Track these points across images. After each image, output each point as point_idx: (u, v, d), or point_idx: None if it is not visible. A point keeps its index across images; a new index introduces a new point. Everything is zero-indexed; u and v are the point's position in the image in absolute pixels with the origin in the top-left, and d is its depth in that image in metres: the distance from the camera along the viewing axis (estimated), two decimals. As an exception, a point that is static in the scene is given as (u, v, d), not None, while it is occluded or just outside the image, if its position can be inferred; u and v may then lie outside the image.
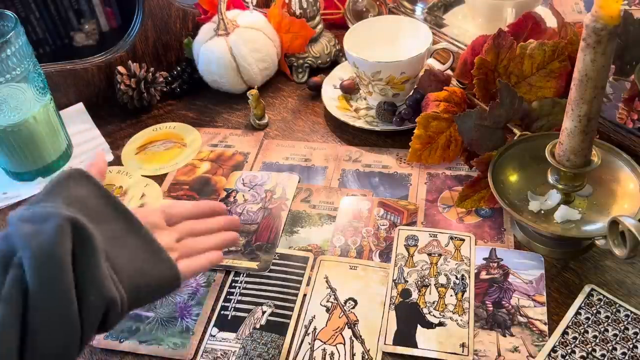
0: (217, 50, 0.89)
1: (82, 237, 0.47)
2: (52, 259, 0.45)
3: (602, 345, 0.56)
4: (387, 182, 0.76)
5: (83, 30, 2.08)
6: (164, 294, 0.54)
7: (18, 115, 0.75)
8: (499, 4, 0.86)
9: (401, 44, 0.86)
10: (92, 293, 0.47)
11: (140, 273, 0.50)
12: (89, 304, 0.46)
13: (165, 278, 0.52)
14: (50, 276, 0.45)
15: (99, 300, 0.47)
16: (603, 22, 0.49)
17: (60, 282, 0.45)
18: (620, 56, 0.70)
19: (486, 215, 0.70)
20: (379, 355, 0.58)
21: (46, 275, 0.45)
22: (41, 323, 0.45)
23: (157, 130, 0.89)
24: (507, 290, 0.62)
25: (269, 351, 0.59)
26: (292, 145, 0.84)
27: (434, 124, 0.73)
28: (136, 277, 0.50)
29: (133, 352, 0.61)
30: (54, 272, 0.45)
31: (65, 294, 0.45)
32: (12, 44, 0.70)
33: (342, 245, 0.69)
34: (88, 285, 0.46)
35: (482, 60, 0.71)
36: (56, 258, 0.45)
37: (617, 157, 0.65)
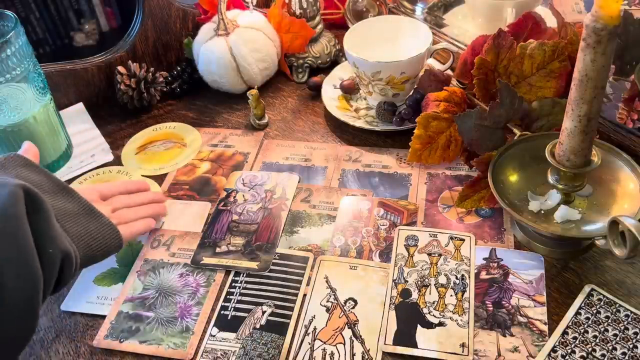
0: (217, 50, 0.89)
1: (33, 200, 0.53)
2: (9, 218, 0.50)
3: (602, 345, 0.56)
4: (387, 182, 0.76)
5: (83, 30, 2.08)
6: (110, 252, 0.62)
7: (18, 115, 0.75)
8: (499, 4, 0.86)
9: (401, 44, 0.86)
10: (50, 247, 0.52)
11: (86, 233, 0.59)
12: (47, 256, 0.52)
13: (109, 238, 0.61)
14: (10, 233, 0.50)
15: (56, 253, 0.53)
16: (603, 22, 0.49)
17: (20, 237, 0.50)
18: (620, 56, 0.70)
19: (486, 215, 0.70)
20: (379, 355, 0.58)
21: (5, 232, 0.49)
22: (5, 276, 0.48)
23: (157, 130, 0.89)
24: (507, 290, 0.62)
25: (269, 351, 0.59)
26: (292, 145, 0.84)
27: (434, 124, 0.73)
28: (84, 236, 0.58)
29: (133, 352, 0.61)
30: (12, 229, 0.50)
31: (25, 247, 0.50)
32: (12, 44, 0.70)
33: (342, 245, 0.69)
34: (45, 240, 0.52)
35: (482, 60, 0.71)
36: (13, 217, 0.50)
37: (617, 157, 0.65)
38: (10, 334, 0.49)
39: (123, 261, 0.70)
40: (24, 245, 0.50)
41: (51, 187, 0.60)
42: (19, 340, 0.51)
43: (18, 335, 0.50)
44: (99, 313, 0.64)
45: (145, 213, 0.70)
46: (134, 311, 0.64)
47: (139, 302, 0.65)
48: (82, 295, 0.66)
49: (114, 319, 0.63)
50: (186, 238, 0.72)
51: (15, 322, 0.49)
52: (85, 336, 0.63)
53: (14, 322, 0.49)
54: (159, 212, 0.73)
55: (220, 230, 0.72)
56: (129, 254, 0.71)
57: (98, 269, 0.69)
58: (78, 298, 0.66)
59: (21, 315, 0.50)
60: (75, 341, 0.62)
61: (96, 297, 0.66)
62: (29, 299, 0.50)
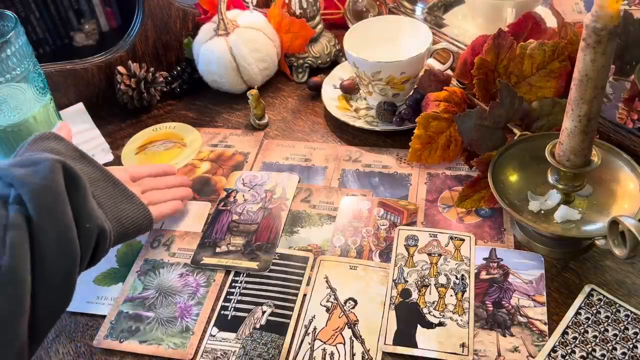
0: (217, 50, 0.89)
1: (71, 175, 0.54)
2: (50, 192, 0.51)
3: (602, 345, 0.56)
4: (387, 182, 0.76)
5: (83, 30, 2.08)
6: (141, 231, 0.64)
7: (18, 115, 0.75)
8: (499, 4, 0.86)
9: (401, 44, 0.86)
10: (87, 222, 0.54)
11: (120, 210, 0.60)
12: (84, 231, 0.53)
13: (140, 217, 0.63)
14: (50, 207, 0.51)
15: (92, 228, 0.54)
16: (603, 22, 0.49)
17: (60, 211, 0.51)
18: (620, 56, 0.70)
19: (486, 215, 0.70)
20: (379, 355, 0.58)
21: (46, 206, 0.50)
22: (47, 248, 0.50)
23: (157, 130, 0.89)
24: (507, 290, 0.62)
25: (269, 351, 0.59)
26: (292, 145, 0.84)
27: (434, 124, 0.73)
28: (117, 213, 0.60)
29: (133, 352, 0.61)
30: (53, 203, 0.51)
31: (65, 221, 0.51)
32: (12, 44, 0.70)
33: (342, 245, 0.69)
34: (83, 215, 0.53)
35: (482, 60, 0.71)
36: (53, 191, 0.51)
37: (617, 157, 0.64)
38: (49, 304, 0.51)
39: (123, 261, 0.70)
40: (64, 220, 0.51)
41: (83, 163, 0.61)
42: (57, 309, 0.53)
43: (56, 305, 0.52)
44: (99, 313, 0.64)
45: (173, 195, 0.72)
46: (134, 311, 0.64)
47: (139, 302, 0.65)
48: (82, 295, 0.66)
49: (114, 319, 0.63)
50: (186, 238, 0.72)
51: (54, 294, 0.51)
52: (85, 336, 0.63)
53: (52, 293, 0.51)
54: (186, 195, 0.74)
55: (220, 230, 0.72)
56: (129, 254, 0.71)
57: (98, 269, 0.69)
58: (78, 298, 0.66)
59: (59, 287, 0.52)
60: (75, 341, 0.62)
61: (96, 297, 0.66)
62: (67, 272, 0.52)
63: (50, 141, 0.61)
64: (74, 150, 0.62)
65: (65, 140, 0.62)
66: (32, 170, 0.52)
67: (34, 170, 0.52)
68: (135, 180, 0.70)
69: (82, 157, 0.62)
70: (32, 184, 0.51)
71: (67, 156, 0.59)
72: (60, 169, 0.53)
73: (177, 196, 0.72)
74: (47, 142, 0.60)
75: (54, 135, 0.62)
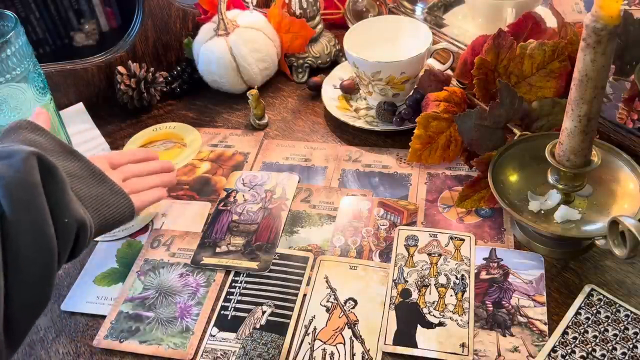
0: (217, 50, 0.89)
1: (47, 168, 0.51)
2: (25, 186, 0.49)
3: (602, 345, 0.56)
4: (387, 182, 0.76)
5: (83, 30, 2.08)
6: (123, 221, 0.62)
7: (18, 115, 0.75)
8: (499, 4, 0.86)
9: (401, 44, 0.86)
10: (65, 215, 0.51)
11: (100, 201, 0.58)
12: (63, 225, 0.51)
13: (121, 206, 0.60)
14: (25, 201, 0.48)
15: (71, 222, 0.52)
16: (603, 22, 0.49)
17: (35, 206, 0.49)
18: (620, 56, 0.70)
19: (486, 215, 0.70)
20: (379, 355, 0.58)
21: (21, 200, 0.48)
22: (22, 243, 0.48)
23: (157, 130, 0.89)
24: (507, 290, 0.62)
25: (269, 351, 0.59)
26: (292, 145, 0.84)
27: (434, 124, 0.73)
28: (97, 204, 0.57)
29: (133, 352, 0.61)
30: (28, 197, 0.49)
31: (41, 215, 0.49)
32: (12, 44, 0.70)
33: (342, 245, 0.69)
34: (60, 208, 0.51)
35: (482, 60, 0.71)
36: (28, 185, 0.49)
37: (617, 157, 0.64)
38: (26, 301, 0.49)
39: (123, 261, 0.70)
40: (40, 214, 0.49)
41: (61, 151, 0.58)
42: (35, 307, 0.51)
43: (34, 303, 0.50)
44: (99, 313, 0.64)
45: (155, 182, 0.69)
46: (134, 311, 0.64)
47: (139, 302, 0.65)
48: (82, 295, 0.66)
49: (114, 319, 0.63)
50: (186, 238, 0.72)
51: (30, 291, 0.49)
52: (85, 336, 0.63)
53: (29, 290, 0.49)
54: (169, 182, 0.72)
55: (220, 230, 0.72)
56: (129, 254, 0.71)
57: (98, 269, 0.69)
58: (78, 298, 0.66)
59: (36, 283, 0.50)
60: (75, 341, 0.62)
61: (96, 297, 0.66)
62: (44, 267, 0.50)
63: (28, 131, 0.58)
64: (53, 140, 0.59)
65: (42, 130, 0.59)
66: (5, 163, 0.50)
67: (8, 164, 0.49)
68: (116, 167, 0.67)
69: (61, 147, 0.59)
70: (5, 177, 0.48)
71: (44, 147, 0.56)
72: (35, 161, 0.50)
73: (159, 183, 0.70)
74: (24, 133, 0.57)
75: (32, 125, 0.58)
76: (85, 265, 0.70)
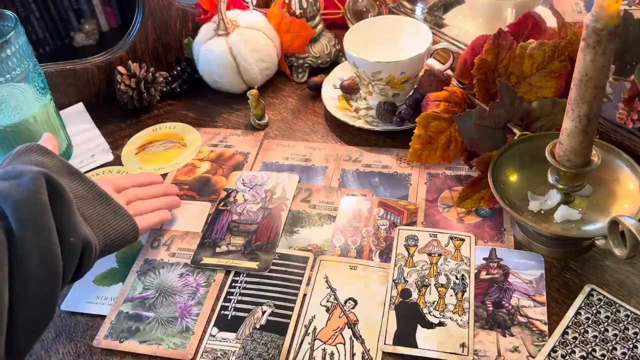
0: (217, 50, 0.89)
1: (55, 187, 0.52)
2: (33, 206, 0.50)
3: (602, 345, 0.56)
4: (387, 182, 0.76)
5: (83, 30, 2.08)
6: (127, 243, 0.63)
7: (18, 115, 0.75)
8: (499, 4, 0.86)
9: (401, 44, 0.86)
10: (71, 235, 0.52)
11: (105, 222, 0.59)
12: (69, 245, 0.52)
13: (125, 228, 0.61)
14: (33, 220, 0.50)
15: (77, 242, 0.53)
16: (603, 22, 0.49)
17: (43, 225, 0.50)
18: (620, 56, 0.70)
19: (486, 215, 0.70)
20: (379, 355, 0.58)
21: (29, 220, 0.49)
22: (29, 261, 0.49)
23: (157, 130, 0.89)
24: (507, 290, 0.62)
25: (269, 351, 0.59)
26: (292, 145, 0.84)
27: (434, 124, 0.73)
28: (102, 225, 0.58)
29: (133, 352, 0.61)
30: (36, 216, 0.50)
31: (48, 234, 0.50)
32: (12, 44, 0.70)
33: (342, 245, 0.69)
34: (67, 228, 0.52)
35: (482, 60, 0.71)
36: (37, 204, 0.50)
37: (617, 157, 0.64)
38: (31, 317, 0.50)
39: (123, 261, 0.70)
40: (47, 233, 0.50)
41: (68, 174, 0.60)
42: (39, 324, 0.52)
43: (38, 320, 0.51)
44: (99, 313, 0.64)
45: (159, 205, 0.70)
46: (134, 311, 0.64)
47: (139, 302, 0.65)
48: (82, 295, 0.66)
49: (114, 319, 0.63)
50: (186, 238, 0.72)
51: (36, 307, 0.50)
52: (85, 336, 0.63)
53: (34, 307, 0.50)
54: (173, 204, 0.73)
55: (220, 230, 0.72)
56: (129, 254, 0.71)
57: (98, 269, 0.69)
58: (78, 298, 0.66)
59: (41, 300, 0.50)
60: (75, 341, 0.62)
61: (96, 297, 0.66)
62: (49, 286, 0.51)
63: (36, 154, 0.59)
64: (60, 162, 0.60)
65: (50, 153, 0.61)
66: (15, 182, 0.51)
67: (17, 183, 0.51)
68: (120, 190, 0.68)
69: (68, 170, 0.60)
70: (14, 197, 0.49)
71: (52, 169, 0.58)
72: (44, 182, 0.52)
73: (163, 205, 0.71)
74: (32, 155, 0.59)
75: (40, 148, 0.60)
76: (85, 265, 0.70)
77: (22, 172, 0.52)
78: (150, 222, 0.67)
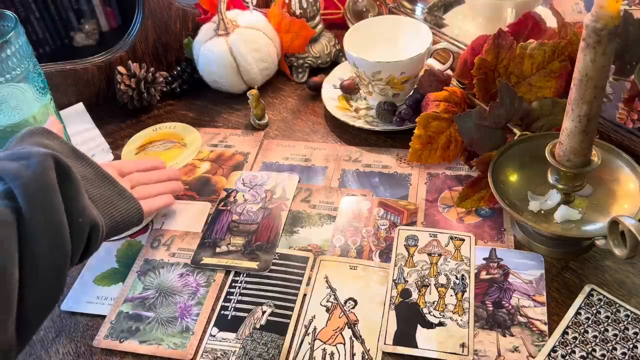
0: (217, 50, 0.89)
1: (63, 169, 0.53)
2: (42, 186, 0.50)
3: (602, 345, 0.56)
4: (387, 182, 0.76)
5: (83, 30, 2.08)
6: (132, 225, 0.64)
7: (18, 115, 0.75)
8: (499, 4, 0.86)
9: (401, 44, 0.86)
10: (80, 216, 0.53)
11: (110, 204, 0.60)
12: (77, 225, 0.53)
13: (131, 209, 0.62)
14: (42, 201, 0.50)
15: (85, 222, 0.53)
16: (603, 22, 0.49)
17: (52, 205, 0.50)
18: (620, 56, 0.70)
19: (486, 215, 0.70)
20: (379, 355, 0.58)
21: (38, 200, 0.50)
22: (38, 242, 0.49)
23: (157, 130, 0.89)
24: (507, 290, 0.62)
25: (269, 351, 0.59)
26: (292, 145, 0.84)
27: (434, 124, 0.73)
28: (108, 206, 0.59)
29: (133, 352, 0.61)
30: (45, 197, 0.50)
31: (57, 215, 0.51)
32: (12, 44, 0.70)
33: (342, 245, 0.69)
34: (75, 209, 0.53)
35: (482, 60, 0.71)
36: (46, 185, 0.50)
37: (617, 157, 0.64)
38: (40, 298, 0.51)
39: (123, 261, 0.70)
40: (56, 214, 0.51)
41: (73, 157, 0.60)
42: (45, 306, 0.52)
43: (46, 300, 0.52)
44: (99, 313, 0.64)
45: (163, 189, 0.71)
46: (134, 311, 0.64)
47: (139, 302, 0.65)
48: (82, 295, 0.66)
49: (114, 319, 0.63)
50: (186, 238, 0.72)
51: (43, 289, 0.51)
52: (85, 336, 0.63)
53: (43, 288, 0.50)
54: (176, 189, 0.74)
55: (220, 230, 0.72)
56: (129, 254, 0.71)
57: (98, 269, 0.69)
58: (78, 298, 0.66)
59: (50, 282, 0.51)
60: (75, 341, 0.62)
61: (96, 297, 0.66)
62: (58, 266, 0.51)
63: (41, 136, 0.60)
64: (65, 145, 0.61)
65: (55, 135, 0.61)
66: (23, 164, 0.51)
67: (26, 164, 0.51)
68: (124, 175, 0.69)
69: (73, 152, 0.61)
70: (23, 178, 0.50)
71: (58, 151, 0.58)
72: (52, 163, 0.52)
73: (166, 190, 0.72)
74: (38, 137, 0.59)
75: (45, 131, 0.61)
76: (85, 265, 0.70)
77: (30, 153, 0.52)
78: (154, 206, 0.68)
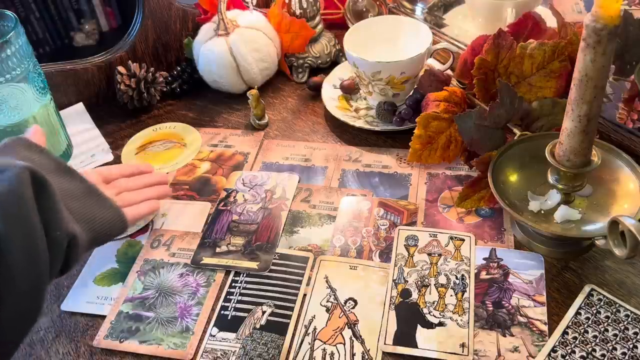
0: (217, 50, 0.89)
1: (40, 182, 0.52)
2: (17, 201, 0.49)
3: (602, 345, 0.56)
4: (387, 182, 0.76)
5: (83, 30, 2.08)
6: (115, 234, 0.63)
7: (18, 115, 0.75)
8: (499, 4, 0.86)
9: (401, 44, 0.86)
10: (57, 229, 0.52)
11: (91, 215, 0.59)
12: (55, 239, 0.52)
13: (113, 220, 0.61)
14: (18, 216, 0.49)
15: (62, 235, 0.52)
16: (603, 22, 0.49)
17: (28, 220, 0.50)
18: (620, 56, 0.70)
19: (486, 215, 0.70)
20: (379, 355, 0.58)
21: (14, 215, 0.49)
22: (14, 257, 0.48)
23: (157, 130, 0.89)
24: (507, 290, 0.62)
25: (269, 351, 0.59)
26: (292, 145, 0.84)
27: (434, 124, 0.73)
28: (89, 218, 0.58)
29: (133, 352, 0.61)
30: (21, 212, 0.49)
31: (33, 230, 0.50)
32: (12, 44, 0.70)
33: (342, 245, 0.69)
34: (52, 222, 0.52)
35: (482, 60, 0.71)
36: (21, 200, 0.49)
37: (617, 157, 0.64)
38: (18, 313, 0.49)
39: (123, 261, 0.70)
40: (32, 228, 0.50)
41: (54, 168, 0.60)
42: (26, 319, 0.51)
43: (25, 315, 0.50)
44: (99, 313, 0.64)
45: (149, 195, 0.70)
46: (134, 311, 0.64)
47: (139, 302, 0.65)
48: (82, 295, 0.66)
49: (114, 319, 0.63)
50: (186, 238, 0.72)
51: (22, 303, 0.49)
52: (85, 336, 0.63)
53: (21, 302, 0.49)
54: (164, 194, 0.73)
55: (220, 230, 0.72)
56: (129, 254, 0.71)
57: (98, 269, 0.69)
58: (78, 298, 0.66)
59: (28, 296, 0.50)
60: (75, 341, 0.62)
61: (96, 297, 0.66)
62: (35, 280, 0.50)
63: (22, 148, 0.59)
64: (45, 156, 0.60)
65: (35, 146, 0.60)
66: None
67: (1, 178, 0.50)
68: (109, 181, 0.68)
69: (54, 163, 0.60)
70: None
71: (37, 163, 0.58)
72: (28, 176, 0.51)
73: (153, 195, 0.70)
74: (17, 150, 0.59)
75: (27, 142, 0.60)
76: (85, 265, 0.70)
77: (6, 167, 0.51)
78: (139, 212, 0.67)
